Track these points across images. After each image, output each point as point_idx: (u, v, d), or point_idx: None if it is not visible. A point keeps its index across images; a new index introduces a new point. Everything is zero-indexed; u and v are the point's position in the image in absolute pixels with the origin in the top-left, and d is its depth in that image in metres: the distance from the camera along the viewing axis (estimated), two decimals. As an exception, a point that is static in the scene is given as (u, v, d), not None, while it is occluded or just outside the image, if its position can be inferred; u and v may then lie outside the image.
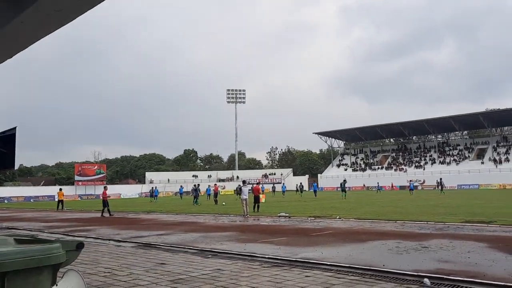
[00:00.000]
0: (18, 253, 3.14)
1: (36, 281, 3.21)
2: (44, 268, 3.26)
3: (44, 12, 3.69)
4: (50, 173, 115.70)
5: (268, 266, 7.58)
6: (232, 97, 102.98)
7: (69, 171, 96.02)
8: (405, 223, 14.91)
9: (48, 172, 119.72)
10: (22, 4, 3.65)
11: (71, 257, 3.57)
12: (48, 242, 3.54)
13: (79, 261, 8.16)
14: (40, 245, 3.42)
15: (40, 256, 3.22)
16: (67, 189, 74.13)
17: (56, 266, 3.39)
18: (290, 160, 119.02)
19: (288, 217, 19.12)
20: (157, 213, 25.51)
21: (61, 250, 3.40)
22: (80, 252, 3.64)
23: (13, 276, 3.04)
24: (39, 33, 4.25)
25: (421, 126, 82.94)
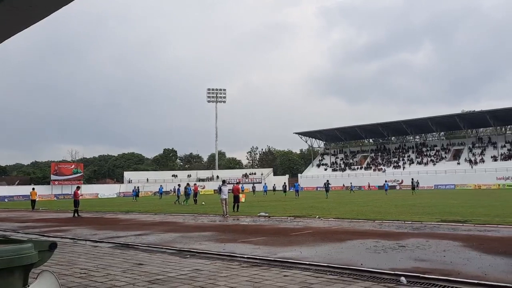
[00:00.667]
0: (-12, 254, 3.05)
1: (6, 282, 3.12)
2: (15, 269, 3.18)
3: (17, 7, 3.59)
4: (25, 172, 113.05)
5: (247, 266, 7.56)
6: (213, 97, 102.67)
7: (45, 170, 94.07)
8: (383, 223, 15.09)
9: (24, 171, 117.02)
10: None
11: (44, 257, 3.48)
12: (19, 242, 3.45)
13: (54, 262, 8.00)
14: (11, 245, 3.33)
15: (11, 257, 3.13)
16: (43, 188, 72.89)
17: (28, 266, 3.30)
18: (271, 160, 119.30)
19: (267, 216, 19.14)
20: (136, 213, 25.20)
21: (33, 251, 3.32)
22: (53, 252, 3.56)
23: (-18, 277, 2.95)
24: (12, 29, 4.13)
25: (399, 127, 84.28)
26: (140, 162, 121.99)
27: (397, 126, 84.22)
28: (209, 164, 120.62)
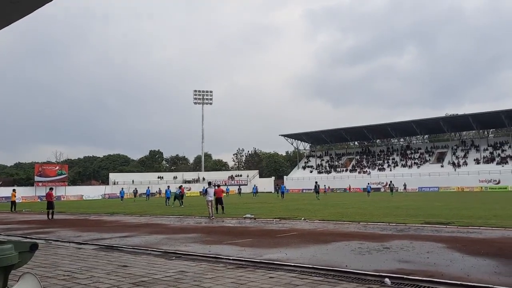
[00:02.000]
0: (-33, 255, 2.98)
1: (-15, 283, 3.06)
2: (-6, 270, 3.12)
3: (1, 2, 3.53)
4: (8, 173, 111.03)
5: (233, 267, 7.54)
6: (199, 98, 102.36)
7: (28, 172, 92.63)
8: (368, 224, 15.20)
9: (6, 172, 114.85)
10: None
11: (24, 258, 3.43)
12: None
13: (37, 263, 7.87)
14: (-10, 246, 3.26)
15: (-11, 258, 3.07)
16: (26, 190, 71.77)
17: (8, 268, 3.25)
18: (257, 162, 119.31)
19: (253, 218, 19.13)
20: (121, 215, 24.96)
21: (14, 252, 3.26)
22: (34, 253, 3.50)
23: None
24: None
25: (384, 130, 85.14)
26: (126, 163, 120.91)
27: (382, 129, 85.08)
28: (195, 165, 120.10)
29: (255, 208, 27.20)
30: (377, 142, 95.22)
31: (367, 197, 45.11)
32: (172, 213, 24.86)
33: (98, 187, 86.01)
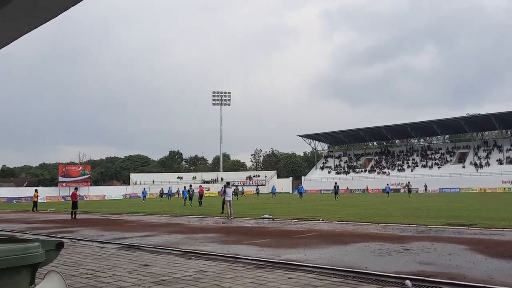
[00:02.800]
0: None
1: (13, 281, 3.14)
2: (22, 268, 3.19)
3: (26, 7, 3.63)
4: (33, 174, 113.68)
5: (251, 267, 7.57)
6: (218, 99, 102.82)
7: (53, 172, 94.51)
8: (387, 226, 15.05)
9: (32, 173, 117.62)
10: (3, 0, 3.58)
11: (51, 257, 3.50)
12: (26, 242, 3.47)
13: (62, 262, 8.04)
14: (18, 244, 3.35)
15: (17, 256, 3.14)
16: (51, 190, 73.30)
17: (35, 266, 3.32)
18: (274, 162, 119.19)
19: (271, 219, 19.14)
20: (141, 215, 25.27)
21: (40, 250, 3.33)
22: (60, 252, 3.57)
23: (-11, 276, 2.97)
24: (21, 29, 4.17)
25: (404, 130, 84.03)
26: (146, 164, 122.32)
27: (402, 129, 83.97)
28: (213, 166, 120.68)
29: (273, 209, 27.19)
30: (396, 142, 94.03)
31: (386, 198, 44.67)
32: (191, 213, 25.04)
33: (119, 187, 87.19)
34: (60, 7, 3.74)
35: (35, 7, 3.66)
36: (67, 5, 3.71)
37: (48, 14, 3.89)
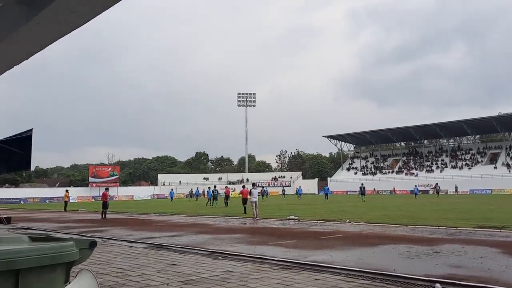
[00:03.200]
0: (32, 251, 3.17)
1: (49, 278, 3.23)
2: (57, 266, 3.29)
3: (60, 13, 3.75)
4: (65, 174, 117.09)
5: (278, 268, 7.58)
6: (243, 101, 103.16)
7: (83, 173, 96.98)
8: (416, 228, 14.78)
9: (63, 173, 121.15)
10: (38, 5, 3.71)
11: (84, 255, 3.59)
12: (61, 240, 3.59)
13: (93, 261, 8.24)
14: (53, 243, 3.46)
15: (53, 254, 3.24)
16: (81, 190, 75.25)
17: (69, 264, 3.41)
18: (300, 163, 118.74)
19: (297, 220, 19.08)
20: (169, 215, 25.62)
21: (75, 248, 3.42)
22: (93, 250, 3.67)
23: (26, 273, 3.07)
24: (54, 34, 4.31)
25: (432, 130, 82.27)
26: (173, 165, 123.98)
27: (430, 129, 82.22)
28: (239, 167, 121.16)
29: (299, 210, 27.10)
30: (424, 142, 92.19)
31: (414, 199, 43.86)
32: (217, 213, 25.22)
33: (147, 188, 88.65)
34: (93, 12, 3.85)
35: (69, 13, 3.78)
36: (99, 10, 3.81)
37: (81, 19, 4.00)
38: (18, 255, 3.05)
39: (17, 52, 4.71)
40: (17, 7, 3.98)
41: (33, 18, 3.84)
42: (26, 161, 5.86)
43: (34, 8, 3.79)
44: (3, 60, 5.00)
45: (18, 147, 5.97)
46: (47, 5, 3.60)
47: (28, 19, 3.90)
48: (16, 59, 4.98)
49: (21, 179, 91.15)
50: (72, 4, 3.62)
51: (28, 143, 5.73)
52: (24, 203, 62.52)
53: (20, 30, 4.07)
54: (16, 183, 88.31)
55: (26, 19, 3.91)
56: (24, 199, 65.56)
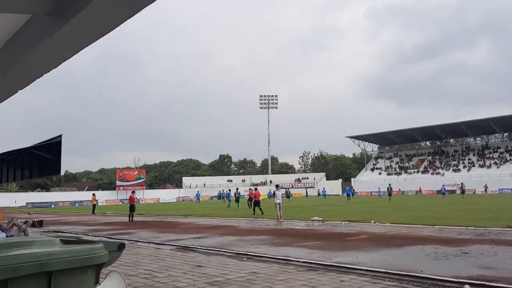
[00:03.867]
0: (64, 253, 3.27)
1: (80, 280, 3.32)
2: (87, 268, 3.38)
3: (87, 22, 3.86)
4: (93, 178, 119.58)
5: (303, 270, 7.58)
6: (265, 103, 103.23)
7: (111, 177, 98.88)
8: (443, 228, 14.51)
9: (92, 177, 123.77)
10: (66, 15, 3.83)
11: (113, 257, 3.68)
12: (91, 243, 3.69)
13: (121, 262, 8.40)
14: (84, 245, 3.57)
15: (84, 256, 3.33)
16: (109, 194, 76.79)
17: (99, 266, 3.51)
18: (323, 165, 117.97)
19: (321, 221, 18.98)
20: (194, 217, 25.86)
21: (104, 251, 3.52)
22: (122, 252, 3.76)
23: (58, 275, 3.16)
24: (82, 42, 4.44)
25: (458, 129, 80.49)
26: (197, 167, 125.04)
27: (456, 128, 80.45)
28: (262, 169, 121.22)
29: (323, 211, 26.94)
30: (450, 141, 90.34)
31: (441, 199, 43.01)
32: (241, 215, 25.31)
33: (173, 191, 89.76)
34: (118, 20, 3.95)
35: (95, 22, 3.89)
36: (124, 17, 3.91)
37: (106, 27, 4.11)
38: (50, 257, 3.15)
39: (46, 61, 4.87)
40: (45, 18, 4.13)
41: (60, 28, 3.96)
42: (56, 166, 6.02)
43: (62, 18, 3.91)
44: (33, 70, 5.18)
45: (48, 152, 6.15)
46: (74, 15, 3.71)
47: (56, 29, 4.03)
48: (46, 68, 5.14)
49: (51, 184, 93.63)
50: (98, 14, 3.72)
51: (58, 149, 5.89)
52: (54, 206, 64.08)
53: (49, 40, 4.21)
54: (47, 187, 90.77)
55: (54, 29, 4.04)
56: (55, 203, 67.20)
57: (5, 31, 4.91)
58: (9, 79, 5.52)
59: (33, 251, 3.19)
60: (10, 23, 4.68)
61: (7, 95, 6.42)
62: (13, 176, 8.20)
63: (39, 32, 4.32)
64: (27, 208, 55.73)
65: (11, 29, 4.85)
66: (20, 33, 4.83)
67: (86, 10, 3.60)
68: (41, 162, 6.65)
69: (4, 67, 5.29)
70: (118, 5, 3.57)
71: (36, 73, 5.34)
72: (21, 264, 3.01)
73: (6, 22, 4.65)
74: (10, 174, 8.26)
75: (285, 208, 23.61)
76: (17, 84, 5.81)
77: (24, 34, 4.74)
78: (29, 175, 7.51)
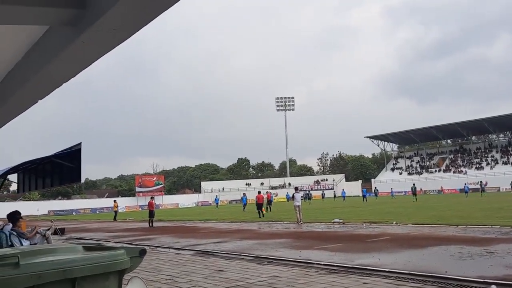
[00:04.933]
0: (86, 260, 3.30)
1: (103, 286, 3.34)
2: (110, 274, 3.40)
3: (103, 31, 3.91)
4: (113, 185, 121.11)
5: (324, 272, 7.51)
6: (281, 105, 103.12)
7: (130, 183, 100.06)
8: (467, 228, 14.22)
9: (111, 184, 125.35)
10: (83, 25, 3.90)
11: (135, 263, 3.71)
12: (113, 249, 3.72)
13: (142, 268, 8.46)
14: (106, 252, 3.60)
15: (106, 262, 3.36)
16: (129, 200, 77.71)
17: (121, 272, 3.53)
18: (342, 166, 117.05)
19: (342, 223, 18.82)
20: (213, 222, 25.93)
21: (126, 257, 3.54)
22: (143, 258, 3.79)
23: (81, 282, 3.19)
24: (99, 51, 4.50)
25: (480, 126, 78.90)
26: (216, 172, 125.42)
27: (478, 125, 78.87)
28: (280, 171, 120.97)
29: (343, 213, 26.71)
30: (472, 139, 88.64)
31: (464, 198, 42.18)
32: (260, 219, 25.27)
33: (191, 196, 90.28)
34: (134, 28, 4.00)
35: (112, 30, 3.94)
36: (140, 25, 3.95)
37: (123, 35, 4.16)
38: (73, 264, 3.19)
39: (65, 70, 4.95)
40: (64, 28, 4.20)
41: (78, 38, 4.02)
42: (76, 174, 6.12)
43: (79, 28, 3.97)
44: (53, 79, 5.27)
45: (68, 160, 6.24)
46: (92, 24, 3.77)
47: (74, 39, 4.10)
48: (65, 77, 5.23)
49: (72, 191, 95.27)
50: (114, 22, 3.77)
51: (78, 157, 5.99)
52: (76, 214, 65.20)
53: (67, 49, 4.29)
54: (68, 195, 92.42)
55: (72, 39, 4.11)
56: (76, 210, 68.36)
57: (26, 43, 5.02)
58: (30, 89, 5.63)
59: (57, 258, 3.23)
60: (30, 35, 4.79)
61: (28, 105, 6.55)
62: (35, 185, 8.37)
63: (57, 42, 4.41)
64: (49, 216, 56.79)
65: (31, 41, 4.96)
66: (39, 44, 4.93)
67: (102, 19, 3.65)
68: (61, 170, 6.77)
69: (25, 77, 5.41)
70: (134, 13, 3.61)
71: (55, 83, 5.43)
72: (45, 271, 3.05)
73: (27, 35, 4.76)
74: (32, 183, 8.43)
75: (304, 210, 23.46)
76: (38, 94, 5.92)
77: (43, 45, 4.83)
78: (51, 184, 7.65)
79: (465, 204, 30.66)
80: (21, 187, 9.18)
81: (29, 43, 5.02)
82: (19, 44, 5.05)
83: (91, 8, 3.71)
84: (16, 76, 5.80)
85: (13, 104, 6.46)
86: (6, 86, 6.25)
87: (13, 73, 5.90)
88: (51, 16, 3.97)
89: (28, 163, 7.69)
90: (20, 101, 6.28)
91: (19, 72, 5.65)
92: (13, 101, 6.24)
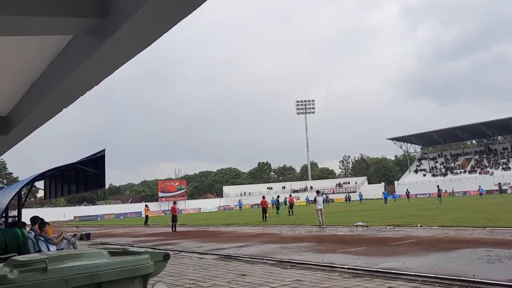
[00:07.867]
0: (112, 265, 3.37)
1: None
2: (135, 278, 3.46)
3: (125, 39, 3.98)
4: (136, 191, 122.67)
5: (348, 276, 7.43)
6: (302, 108, 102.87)
7: (153, 188, 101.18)
8: (495, 230, 13.87)
9: (135, 190, 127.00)
10: (105, 33, 3.97)
11: (159, 267, 3.76)
12: (137, 254, 3.77)
13: (166, 273, 8.54)
14: (131, 256, 3.65)
15: (131, 267, 3.42)
16: (152, 205, 78.51)
17: (146, 276, 3.58)
18: (364, 168, 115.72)
19: (365, 226, 18.60)
20: (236, 226, 25.98)
21: (150, 261, 3.60)
22: (167, 263, 3.83)
23: (108, 286, 3.26)
24: (121, 59, 4.58)
25: (506, 125, 76.90)
26: (237, 176, 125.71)
27: (504, 124, 76.89)
28: (302, 175, 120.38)
29: (366, 216, 26.39)
30: (498, 139, 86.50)
31: (495, 198, 41.00)
32: (283, 222, 25.19)
33: (213, 200, 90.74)
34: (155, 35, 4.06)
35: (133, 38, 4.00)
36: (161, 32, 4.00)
37: (144, 43, 4.23)
38: (99, 269, 3.26)
39: (89, 79, 5.06)
40: (86, 37, 4.30)
41: (101, 46, 4.11)
42: (101, 180, 6.25)
43: (102, 37, 4.06)
44: (76, 88, 5.39)
45: (93, 167, 6.37)
46: (114, 33, 3.84)
47: (97, 47, 4.18)
48: (88, 86, 5.34)
49: (97, 197, 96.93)
50: (136, 30, 3.83)
51: (102, 163, 6.11)
52: (100, 219, 66.25)
53: (91, 58, 4.38)
54: (93, 201, 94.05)
55: (95, 47, 4.20)
56: (101, 216, 69.47)
57: (51, 52, 5.15)
58: (56, 98, 5.76)
59: (83, 263, 3.29)
60: (54, 45, 4.91)
61: (53, 113, 6.71)
62: (61, 191, 8.56)
63: (81, 51, 4.51)
64: (75, 221, 57.88)
65: (56, 50, 5.09)
66: (64, 53, 5.05)
67: (124, 28, 3.71)
68: (86, 176, 6.91)
69: (51, 86, 5.54)
70: (154, 21, 3.66)
71: (79, 91, 5.55)
72: (72, 276, 3.12)
73: (52, 44, 4.89)
74: (58, 189, 8.63)
75: (327, 214, 23.28)
76: (63, 102, 6.06)
77: (68, 54, 4.95)
78: (76, 190, 7.81)
79: (492, 205, 29.88)
80: (48, 193, 9.40)
81: (53, 52, 5.15)
82: (45, 54, 5.19)
83: (112, 17, 3.78)
84: (41, 85, 5.96)
85: (39, 112, 6.62)
86: (32, 94, 6.42)
87: (38, 82, 6.06)
88: (75, 26, 4.07)
89: (54, 170, 7.87)
90: (46, 109, 6.43)
91: (45, 81, 5.80)
92: (40, 109, 6.40)
